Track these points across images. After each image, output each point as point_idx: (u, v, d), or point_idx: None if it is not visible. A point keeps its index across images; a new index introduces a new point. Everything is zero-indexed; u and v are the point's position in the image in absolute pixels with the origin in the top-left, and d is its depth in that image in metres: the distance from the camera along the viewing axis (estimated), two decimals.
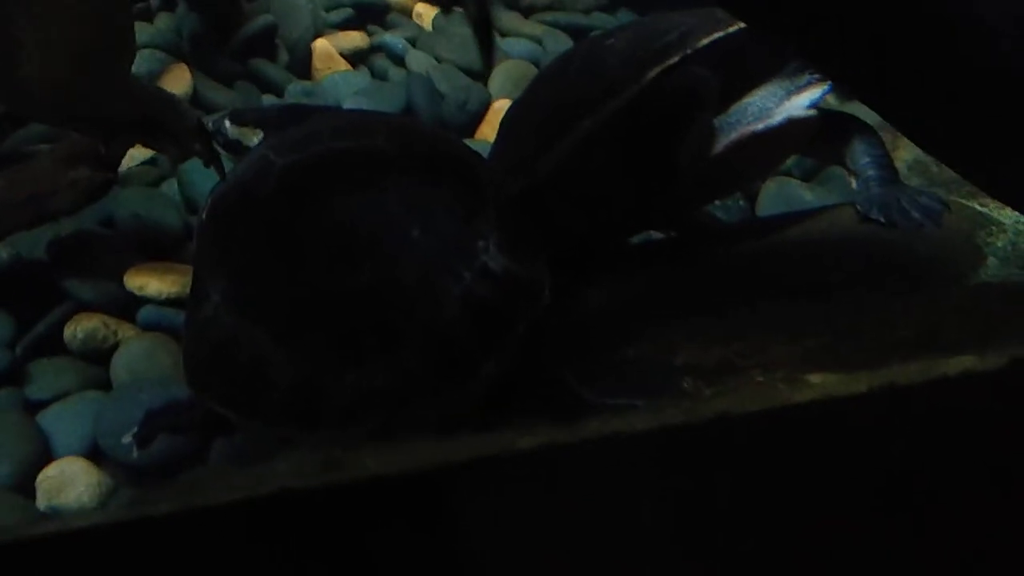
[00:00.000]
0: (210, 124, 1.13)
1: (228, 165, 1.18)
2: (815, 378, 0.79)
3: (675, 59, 0.95)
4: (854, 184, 0.99)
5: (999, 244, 0.93)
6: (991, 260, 0.92)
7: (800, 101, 0.97)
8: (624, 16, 1.91)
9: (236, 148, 1.08)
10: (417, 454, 0.53)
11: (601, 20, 1.87)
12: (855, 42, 0.71)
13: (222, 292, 0.85)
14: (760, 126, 0.97)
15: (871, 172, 0.97)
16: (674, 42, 0.96)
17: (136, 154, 1.33)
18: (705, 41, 0.96)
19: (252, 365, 0.81)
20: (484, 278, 0.84)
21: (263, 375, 0.81)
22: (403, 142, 0.91)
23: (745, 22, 0.87)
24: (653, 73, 0.95)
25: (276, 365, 0.81)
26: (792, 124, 0.98)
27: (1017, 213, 0.86)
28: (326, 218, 0.85)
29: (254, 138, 1.07)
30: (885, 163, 0.98)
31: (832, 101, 1.30)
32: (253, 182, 0.90)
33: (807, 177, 1.34)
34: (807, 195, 1.28)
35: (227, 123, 1.08)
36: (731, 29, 0.95)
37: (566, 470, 0.55)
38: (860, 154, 0.98)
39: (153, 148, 1.36)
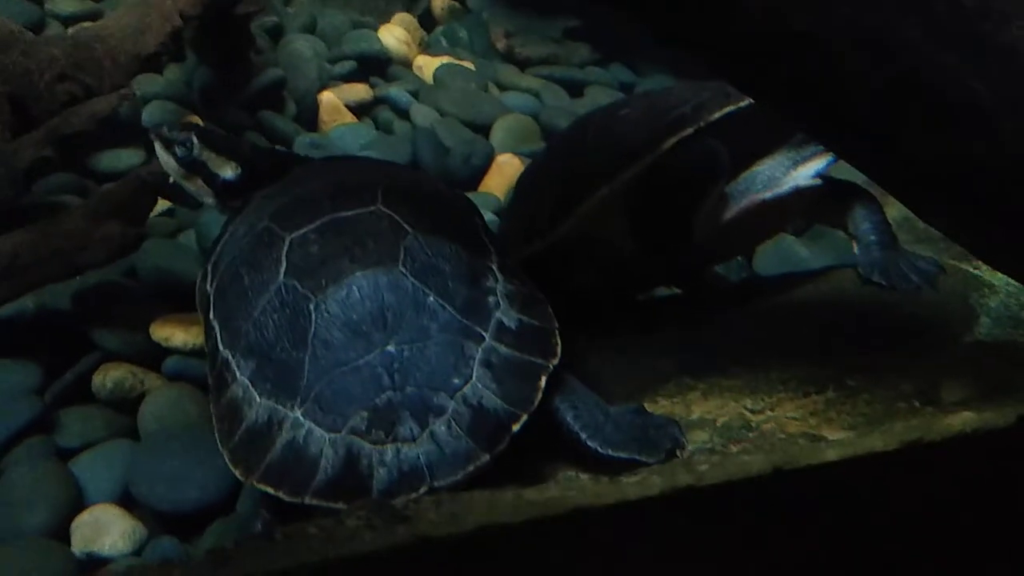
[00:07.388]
0: (164, 129, 1.09)
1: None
2: (831, 435, 0.85)
3: (689, 131, 1.01)
4: (855, 249, 1.05)
5: (992, 304, 1.00)
6: (984, 320, 0.98)
7: (806, 171, 1.04)
8: (617, 70, 1.98)
9: (195, 168, 1.07)
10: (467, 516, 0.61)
11: (595, 74, 1.94)
12: (845, 121, 0.77)
13: (250, 373, 0.88)
14: (768, 195, 1.04)
15: (872, 237, 1.04)
16: (688, 114, 1.02)
17: None
18: (717, 114, 1.02)
19: (294, 446, 0.83)
20: (501, 334, 0.87)
21: (306, 456, 0.83)
22: (402, 204, 0.95)
23: (751, 97, 0.93)
24: (668, 144, 1.01)
25: (316, 445, 0.83)
26: (799, 193, 1.04)
27: (1007, 276, 0.93)
28: (342, 294, 0.88)
29: (227, 169, 1.08)
30: (885, 229, 1.04)
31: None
32: (261, 259, 0.93)
33: (799, 234, 1.40)
34: (802, 251, 1.34)
35: (194, 139, 1.07)
36: (742, 103, 1.01)
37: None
38: (861, 220, 1.05)
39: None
